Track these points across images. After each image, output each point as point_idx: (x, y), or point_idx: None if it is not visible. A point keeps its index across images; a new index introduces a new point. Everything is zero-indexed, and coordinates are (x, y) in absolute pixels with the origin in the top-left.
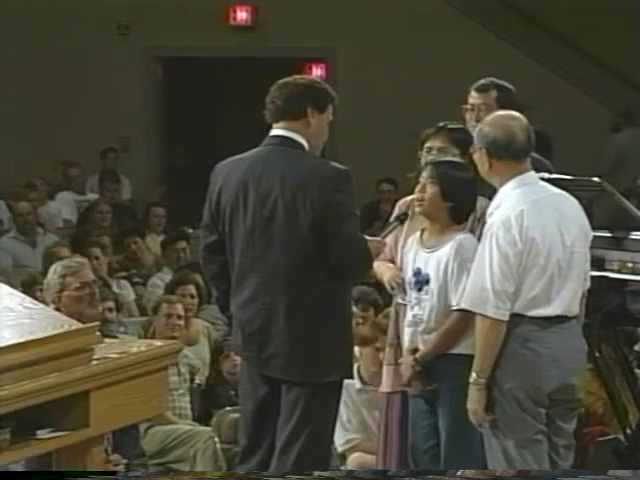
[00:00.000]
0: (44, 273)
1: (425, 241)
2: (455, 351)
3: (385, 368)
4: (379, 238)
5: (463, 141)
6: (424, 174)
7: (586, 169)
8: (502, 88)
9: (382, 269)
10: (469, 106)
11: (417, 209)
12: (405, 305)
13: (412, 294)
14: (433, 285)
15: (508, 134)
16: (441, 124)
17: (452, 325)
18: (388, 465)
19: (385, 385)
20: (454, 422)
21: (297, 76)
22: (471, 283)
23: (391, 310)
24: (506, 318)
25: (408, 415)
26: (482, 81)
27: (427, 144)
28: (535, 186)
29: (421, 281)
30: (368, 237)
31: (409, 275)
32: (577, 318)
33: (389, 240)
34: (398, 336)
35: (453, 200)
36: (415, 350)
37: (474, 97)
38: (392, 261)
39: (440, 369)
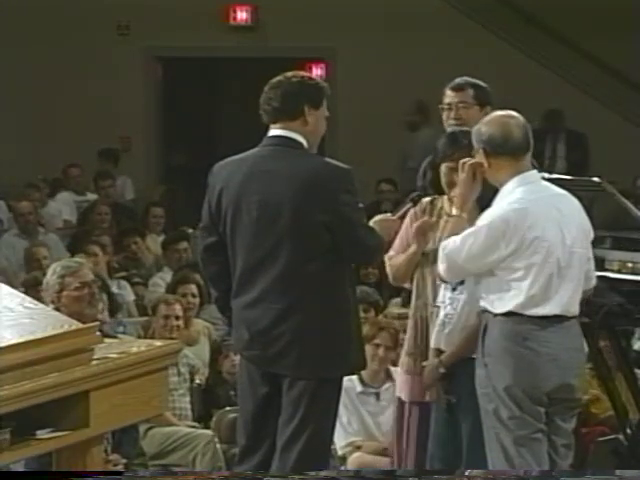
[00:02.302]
0: (45, 272)
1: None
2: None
3: (404, 377)
4: (393, 217)
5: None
6: None
7: (586, 169)
8: (478, 86)
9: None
10: (446, 105)
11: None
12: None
13: (446, 294)
14: (467, 283)
15: (504, 131)
16: (449, 130)
17: (477, 328)
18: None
19: (404, 394)
20: (477, 427)
21: (289, 74)
22: (449, 250)
23: (409, 319)
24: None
25: (428, 426)
26: (457, 80)
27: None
28: (537, 185)
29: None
30: (381, 216)
31: None
32: (576, 318)
33: (401, 236)
34: (418, 346)
35: (485, 203)
36: (438, 351)
37: (450, 96)
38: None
39: (466, 374)
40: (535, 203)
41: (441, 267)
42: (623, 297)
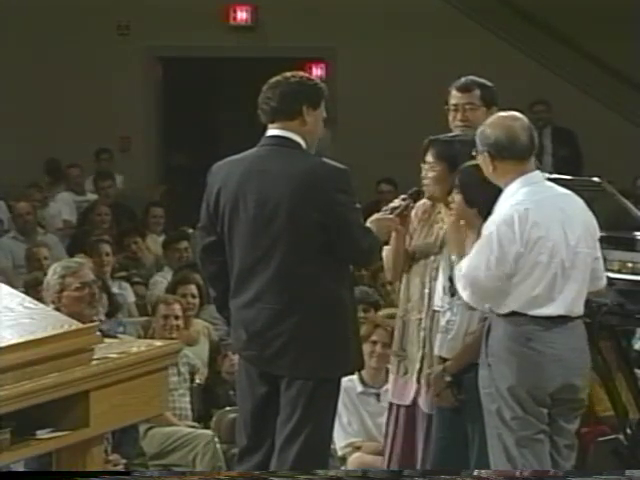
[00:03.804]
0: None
1: (467, 247)
2: None
3: (390, 377)
4: (391, 216)
5: (449, 154)
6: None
7: (586, 169)
8: (484, 87)
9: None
10: (452, 106)
11: (452, 218)
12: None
13: (445, 299)
14: None
15: (510, 135)
16: (432, 137)
17: (479, 334)
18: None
19: (390, 394)
20: (484, 431)
21: (288, 74)
22: (465, 272)
23: (397, 320)
24: (499, 311)
25: (415, 428)
26: (463, 80)
27: (424, 157)
28: (540, 185)
29: (453, 285)
30: (379, 214)
31: (444, 281)
32: (581, 318)
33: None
34: (404, 349)
35: (478, 205)
36: (441, 358)
37: (457, 97)
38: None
39: (469, 378)
40: (538, 204)
41: (465, 294)
42: (623, 297)
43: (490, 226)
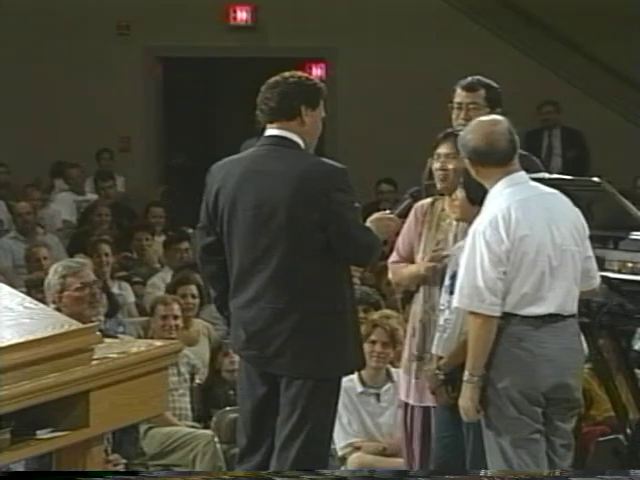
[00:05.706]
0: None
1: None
2: None
3: (402, 377)
4: (391, 215)
5: None
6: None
7: (585, 167)
8: (490, 87)
9: (407, 270)
10: (456, 105)
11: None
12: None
13: (445, 297)
14: None
15: (488, 142)
16: (449, 130)
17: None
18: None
19: (403, 395)
20: (480, 429)
21: (287, 74)
22: (462, 281)
23: (416, 323)
24: (498, 314)
25: (430, 428)
26: (469, 80)
27: (437, 150)
28: (524, 186)
29: (453, 284)
30: (379, 214)
31: (446, 279)
32: (574, 317)
33: (403, 238)
34: (427, 351)
35: (480, 203)
36: (438, 357)
37: (462, 96)
38: (408, 259)
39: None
40: (521, 203)
41: (460, 299)
42: (623, 297)
43: (476, 229)
